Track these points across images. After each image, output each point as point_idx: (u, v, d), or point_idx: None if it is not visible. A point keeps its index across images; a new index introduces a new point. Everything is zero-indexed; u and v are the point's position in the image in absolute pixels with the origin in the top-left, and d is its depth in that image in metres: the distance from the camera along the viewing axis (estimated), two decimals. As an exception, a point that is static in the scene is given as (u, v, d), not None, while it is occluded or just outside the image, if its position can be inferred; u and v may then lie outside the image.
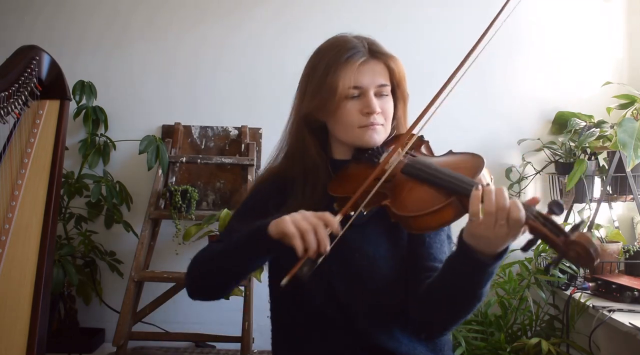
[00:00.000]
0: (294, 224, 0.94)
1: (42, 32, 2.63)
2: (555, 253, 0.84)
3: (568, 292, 2.12)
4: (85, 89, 2.50)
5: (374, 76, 1.12)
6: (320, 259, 0.94)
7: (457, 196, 0.92)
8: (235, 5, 2.69)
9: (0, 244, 1.53)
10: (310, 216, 0.95)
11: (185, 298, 2.55)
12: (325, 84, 1.10)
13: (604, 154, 2.43)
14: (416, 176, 1.01)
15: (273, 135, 2.55)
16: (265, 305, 1.27)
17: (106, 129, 2.61)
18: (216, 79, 2.68)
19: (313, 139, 1.16)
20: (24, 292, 1.51)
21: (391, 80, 1.15)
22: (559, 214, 0.85)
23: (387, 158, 1.05)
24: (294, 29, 2.67)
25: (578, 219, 2.41)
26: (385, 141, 1.16)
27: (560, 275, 2.15)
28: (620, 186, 2.31)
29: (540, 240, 0.86)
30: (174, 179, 2.56)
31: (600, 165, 2.44)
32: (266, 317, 1.27)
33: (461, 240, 0.94)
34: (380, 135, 1.13)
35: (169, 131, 2.62)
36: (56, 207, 1.63)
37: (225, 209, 2.23)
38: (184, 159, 2.48)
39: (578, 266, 0.82)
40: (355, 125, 1.12)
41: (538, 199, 0.90)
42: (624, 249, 2.27)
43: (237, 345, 2.28)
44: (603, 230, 2.40)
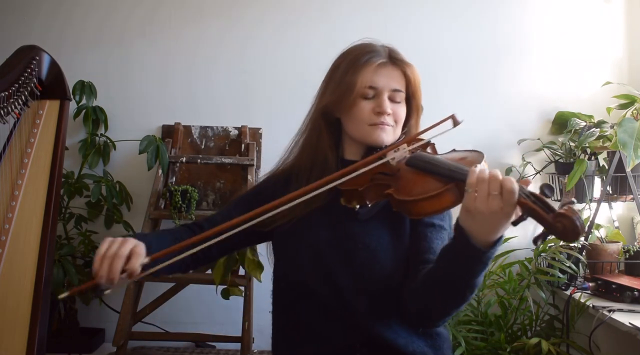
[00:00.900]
0: (107, 244, 1.00)
1: (42, 32, 2.63)
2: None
3: (568, 292, 2.12)
4: (85, 89, 2.51)
5: (389, 80, 1.19)
6: (107, 292, 0.98)
7: (456, 182, 0.95)
8: (236, 5, 2.69)
9: (0, 244, 1.53)
10: (124, 245, 0.99)
11: (185, 298, 2.57)
12: (344, 82, 1.18)
13: (604, 154, 2.43)
14: (419, 167, 1.05)
15: (273, 135, 2.61)
16: (265, 305, 1.28)
17: (106, 129, 2.61)
18: (216, 79, 2.68)
19: (327, 133, 1.23)
20: (24, 292, 1.51)
21: (407, 88, 1.22)
22: (550, 197, 0.87)
23: (392, 147, 1.11)
24: (294, 29, 2.67)
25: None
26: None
27: (560, 275, 2.15)
28: (620, 186, 2.31)
29: (529, 217, 0.88)
30: (174, 179, 2.56)
31: (600, 165, 2.44)
32: (266, 317, 1.27)
33: (457, 226, 0.96)
34: (389, 135, 1.19)
35: (169, 131, 2.62)
36: (56, 207, 1.63)
37: (225, 209, 2.23)
38: (184, 159, 2.48)
39: (565, 240, 0.82)
40: (366, 122, 1.18)
41: (529, 180, 0.92)
42: (624, 249, 2.27)
43: (237, 345, 2.28)
44: (603, 230, 2.40)
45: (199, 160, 2.49)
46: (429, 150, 1.18)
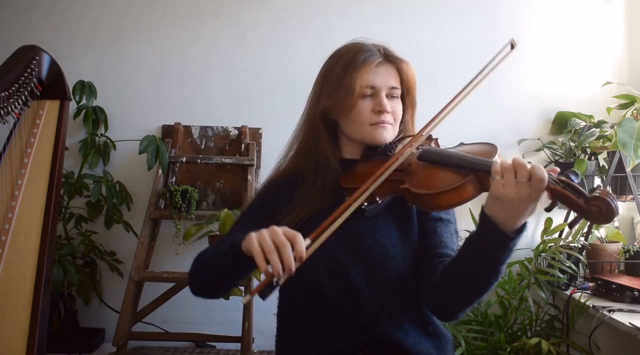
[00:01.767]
0: (258, 242, 0.93)
1: (42, 32, 2.63)
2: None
3: (568, 292, 2.12)
4: (85, 89, 2.51)
5: (387, 78, 1.19)
6: (283, 280, 0.92)
7: (476, 174, 0.95)
8: (236, 5, 2.69)
9: (0, 244, 1.53)
10: (278, 234, 0.93)
11: (185, 298, 2.57)
12: (342, 83, 1.17)
13: (604, 154, 2.43)
14: (433, 161, 1.05)
15: (273, 135, 2.60)
16: (265, 305, 1.27)
17: (106, 129, 2.61)
18: (216, 78, 2.68)
19: (327, 136, 1.22)
20: (24, 292, 1.51)
21: (402, 85, 1.22)
22: (576, 181, 0.87)
23: (403, 149, 1.11)
24: (294, 29, 2.67)
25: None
26: (393, 141, 1.22)
27: (560, 275, 2.15)
28: (620, 186, 2.31)
29: (560, 203, 0.88)
30: (174, 179, 2.56)
31: (600, 165, 2.44)
32: (266, 317, 1.27)
33: (483, 215, 0.96)
34: (389, 133, 1.19)
35: (169, 131, 2.62)
36: (56, 207, 1.63)
37: (225, 209, 2.23)
38: (184, 159, 2.48)
39: (599, 222, 0.83)
40: (367, 122, 1.18)
41: (557, 169, 0.92)
42: (624, 249, 2.27)
43: (237, 345, 2.28)
44: (603, 230, 2.40)
45: (199, 160, 2.49)
46: (433, 145, 1.18)
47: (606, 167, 2.37)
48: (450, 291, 1.07)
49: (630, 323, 1.72)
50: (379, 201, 1.09)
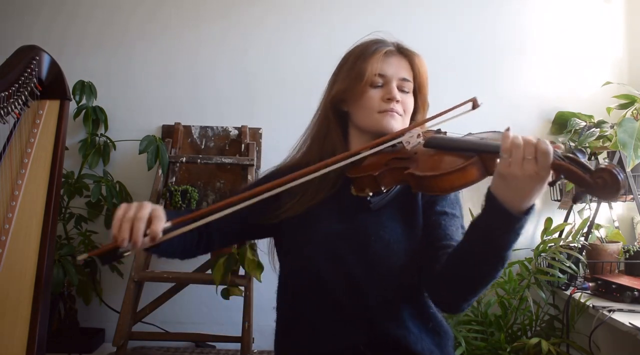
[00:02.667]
0: (123, 209, 0.96)
1: (42, 32, 2.63)
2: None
3: (568, 292, 2.12)
4: (85, 89, 2.50)
5: (398, 68, 1.21)
6: (128, 254, 0.94)
7: (480, 155, 0.95)
8: (235, 5, 2.69)
9: (0, 244, 1.53)
10: (142, 208, 0.96)
11: (185, 298, 2.56)
12: (354, 71, 1.20)
13: (604, 154, 2.43)
14: (439, 146, 1.04)
15: (273, 135, 2.60)
16: (265, 305, 1.27)
17: (106, 129, 2.61)
18: (216, 78, 2.68)
19: (336, 125, 1.24)
20: (24, 292, 1.51)
21: (414, 80, 1.24)
22: (583, 158, 0.87)
23: (405, 130, 1.11)
24: (294, 28, 2.67)
25: (579, 220, 2.41)
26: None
27: (560, 275, 2.15)
28: (620, 186, 2.31)
29: (566, 179, 0.88)
30: (174, 179, 2.56)
31: (600, 165, 2.44)
32: (266, 317, 1.27)
33: (489, 195, 0.95)
34: (398, 123, 1.20)
35: (169, 131, 2.62)
36: (56, 207, 1.63)
37: (225, 209, 2.23)
38: (184, 159, 2.48)
39: (605, 197, 0.81)
40: (375, 109, 1.19)
41: (560, 145, 0.93)
42: (624, 249, 2.27)
43: (237, 345, 2.28)
44: (603, 230, 2.40)
45: (199, 160, 2.49)
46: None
47: (606, 167, 2.37)
48: (455, 279, 1.05)
49: (630, 323, 1.72)
50: (384, 191, 1.08)
